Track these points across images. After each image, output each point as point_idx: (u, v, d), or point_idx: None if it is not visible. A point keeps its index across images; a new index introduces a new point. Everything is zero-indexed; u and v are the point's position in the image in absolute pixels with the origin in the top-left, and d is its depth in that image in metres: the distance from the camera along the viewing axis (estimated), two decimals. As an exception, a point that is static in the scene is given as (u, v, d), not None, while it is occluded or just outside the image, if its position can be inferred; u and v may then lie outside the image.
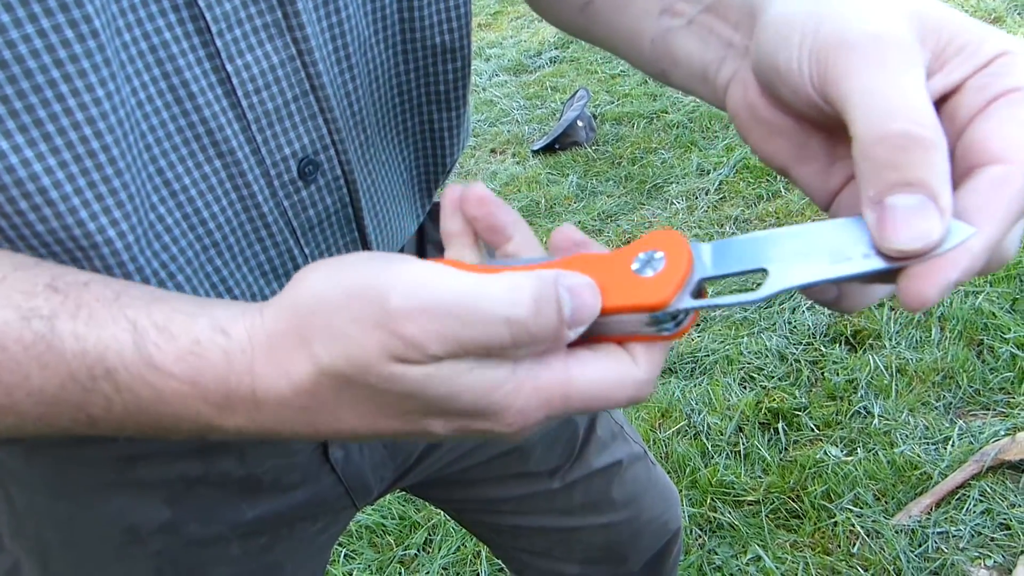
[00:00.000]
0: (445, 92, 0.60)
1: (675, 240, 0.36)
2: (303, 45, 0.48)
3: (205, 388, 0.36)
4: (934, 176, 0.31)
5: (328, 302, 0.33)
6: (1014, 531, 1.53)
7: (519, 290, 0.32)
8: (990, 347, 1.91)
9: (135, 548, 0.62)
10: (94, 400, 0.37)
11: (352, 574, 1.62)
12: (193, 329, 0.36)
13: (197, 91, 0.46)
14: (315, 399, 0.35)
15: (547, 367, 0.34)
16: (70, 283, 0.38)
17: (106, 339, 0.36)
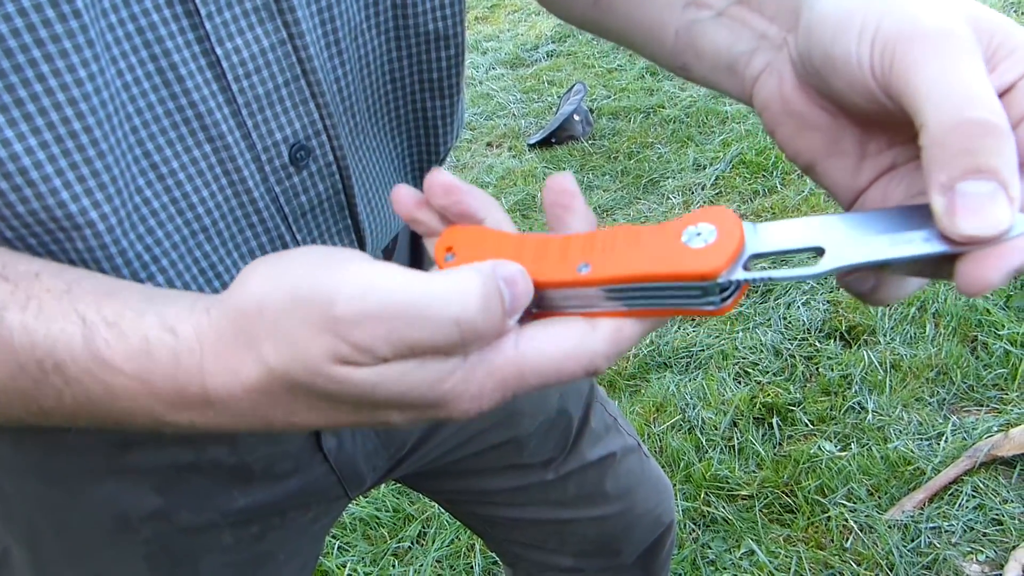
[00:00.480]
0: (438, 80, 0.60)
1: (726, 215, 0.35)
2: (294, 29, 0.48)
3: (155, 386, 0.36)
4: (1006, 165, 0.31)
5: (274, 305, 0.34)
6: (1006, 526, 1.53)
7: (467, 291, 0.32)
8: (984, 343, 1.91)
9: (126, 535, 0.62)
10: (45, 392, 0.38)
11: (346, 566, 1.62)
12: (141, 327, 0.36)
13: (186, 74, 0.45)
14: (267, 397, 0.35)
15: (498, 351, 0.34)
16: (21, 273, 0.38)
17: (55, 333, 0.37)
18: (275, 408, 0.35)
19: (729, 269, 0.34)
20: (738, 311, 2.13)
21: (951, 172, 0.32)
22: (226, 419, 0.37)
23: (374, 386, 0.33)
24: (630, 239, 0.36)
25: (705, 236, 0.35)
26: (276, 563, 0.69)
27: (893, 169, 0.41)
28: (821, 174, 0.43)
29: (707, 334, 2.08)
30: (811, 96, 0.42)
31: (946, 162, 0.32)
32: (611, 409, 0.90)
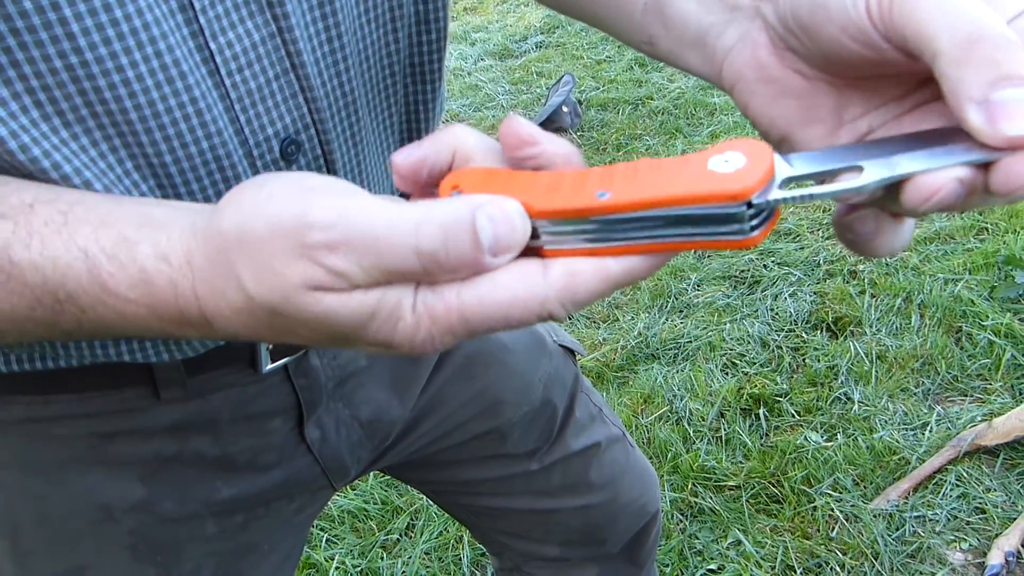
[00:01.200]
0: (421, 65, 0.60)
1: (754, 143, 0.34)
2: (283, 23, 0.48)
3: (161, 311, 0.38)
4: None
5: (253, 233, 0.35)
6: (989, 515, 1.55)
7: (428, 222, 0.33)
8: (968, 334, 1.93)
9: (109, 526, 0.62)
10: (65, 318, 0.39)
11: (334, 559, 1.62)
12: (138, 257, 0.38)
13: (187, 70, 0.45)
14: (253, 319, 0.36)
15: (439, 297, 0.35)
16: (16, 208, 0.39)
17: (62, 268, 0.38)
18: (262, 328, 0.37)
19: (762, 191, 0.33)
20: (725, 303, 2.14)
21: (981, 86, 0.32)
22: (228, 334, 0.38)
23: (337, 313, 0.34)
24: (653, 168, 0.35)
25: (734, 163, 0.34)
26: (260, 553, 0.69)
27: (869, 134, 0.41)
28: (796, 144, 0.43)
29: (694, 326, 2.08)
30: (787, 61, 0.42)
31: (975, 77, 0.32)
32: (596, 399, 0.90)
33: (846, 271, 2.17)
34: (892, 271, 2.15)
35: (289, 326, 0.36)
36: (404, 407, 0.73)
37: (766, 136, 0.44)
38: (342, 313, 0.34)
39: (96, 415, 0.58)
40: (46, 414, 0.58)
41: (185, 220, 0.38)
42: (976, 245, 2.20)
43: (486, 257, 0.34)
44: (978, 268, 2.10)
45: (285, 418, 0.65)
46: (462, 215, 0.33)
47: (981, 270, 2.09)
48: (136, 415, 0.59)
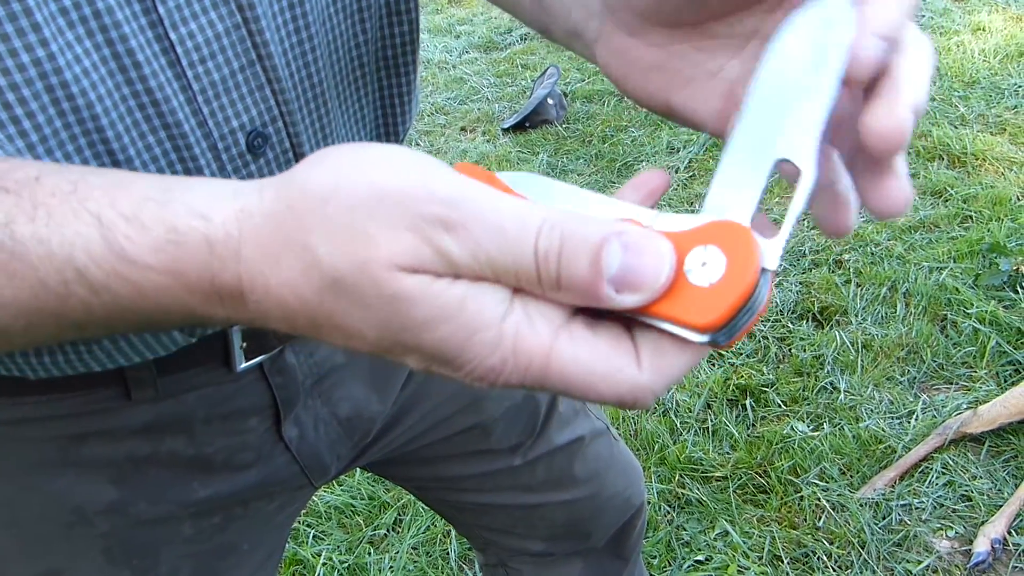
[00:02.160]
0: (394, 57, 0.59)
1: (739, 239, 0.30)
2: (248, 13, 0.47)
3: (188, 278, 0.33)
4: None
5: (350, 195, 0.30)
6: (975, 502, 1.55)
7: (553, 225, 0.30)
8: (953, 322, 1.93)
9: (82, 528, 0.61)
10: (72, 305, 0.35)
11: (321, 555, 1.61)
12: (167, 216, 0.33)
13: (143, 60, 0.44)
14: (299, 297, 0.32)
15: (533, 328, 0.31)
16: (20, 181, 0.35)
17: (70, 237, 0.33)
18: (303, 309, 0.32)
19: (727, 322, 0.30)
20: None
21: None
22: (257, 314, 0.34)
23: (414, 301, 0.30)
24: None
25: (711, 267, 0.31)
26: (239, 553, 0.69)
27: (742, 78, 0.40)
28: (680, 110, 0.43)
29: (681, 317, 2.08)
30: (641, 37, 0.43)
31: None
32: None
33: (831, 261, 2.17)
34: (877, 260, 2.16)
35: (339, 309, 0.31)
36: (384, 403, 0.72)
37: (653, 108, 0.44)
38: (420, 300, 0.30)
39: (66, 417, 0.57)
40: (14, 417, 0.57)
41: (235, 183, 0.34)
42: (960, 233, 2.20)
43: (604, 287, 0.30)
44: (963, 256, 2.11)
45: (262, 417, 0.64)
46: (591, 233, 0.30)
47: (966, 258, 2.10)
48: (107, 416, 0.58)
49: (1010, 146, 2.53)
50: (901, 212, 0.35)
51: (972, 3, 3.40)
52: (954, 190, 2.36)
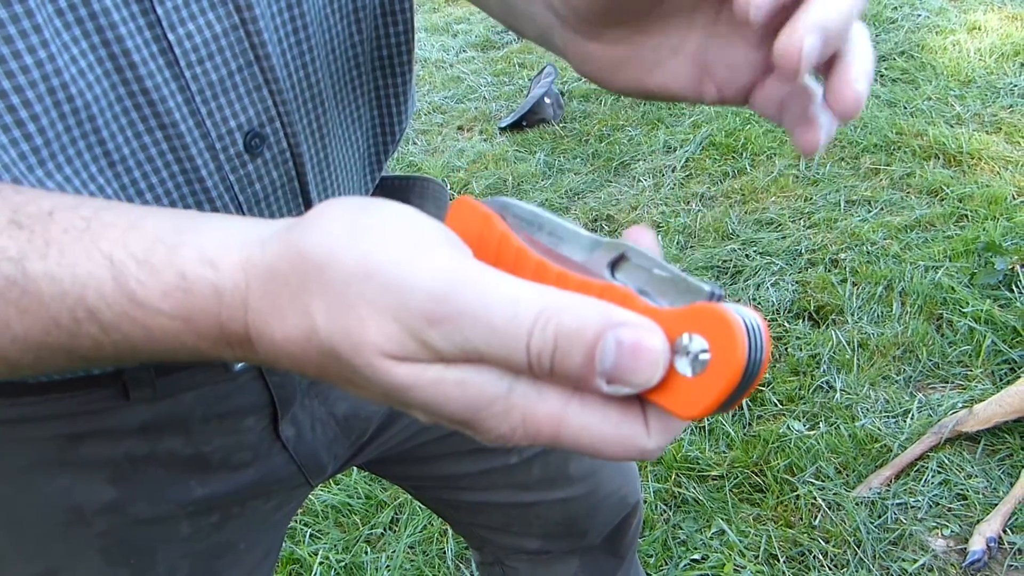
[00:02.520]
0: (389, 57, 0.60)
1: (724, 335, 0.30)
2: (246, 14, 0.47)
3: (197, 324, 0.34)
4: None
5: (343, 268, 0.31)
6: (971, 501, 1.56)
7: (546, 321, 0.29)
8: (949, 321, 1.94)
9: (79, 528, 0.61)
10: (82, 343, 0.35)
11: (318, 554, 1.61)
12: (176, 262, 0.34)
13: (139, 61, 0.45)
14: (302, 352, 0.32)
15: (543, 400, 0.31)
16: (33, 215, 0.35)
17: (83, 277, 0.34)
18: (311, 365, 0.33)
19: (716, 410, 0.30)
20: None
21: None
22: (267, 360, 0.34)
23: (411, 387, 0.31)
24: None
25: (695, 356, 0.30)
26: (237, 552, 0.69)
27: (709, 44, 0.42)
28: (658, 92, 0.45)
29: (677, 316, 2.08)
30: (599, 40, 0.44)
31: None
32: None
33: (827, 260, 2.18)
34: (873, 259, 2.16)
35: (344, 374, 0.32)
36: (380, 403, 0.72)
37: (631, 95, 0.46)
38: (415, 385, 0.31)
39: (64, 417, 0.57)
40: (12, 416, 0.57)
41: (243, 228, 0.35)
42: (956, 232, 2.21)
43: (596, 380, 0.30)
44: (958, 255, 2.11)
45: (259, 416, 0.64)
46: (586, 328, 0.29)
47: (961, 257, 2.11)
48: (105, 416, 0.58)
49: (1006, 145, 2.54)
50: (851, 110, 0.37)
51: (968, 2, 3.40)
52: (950, 189, 2.36)
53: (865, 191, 2.42)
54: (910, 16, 3.33)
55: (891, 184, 2.45)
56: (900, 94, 2.84)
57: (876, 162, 2.54)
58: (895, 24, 3.29)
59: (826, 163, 2.56)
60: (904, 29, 3.24)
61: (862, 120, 2.70)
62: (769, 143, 2.68)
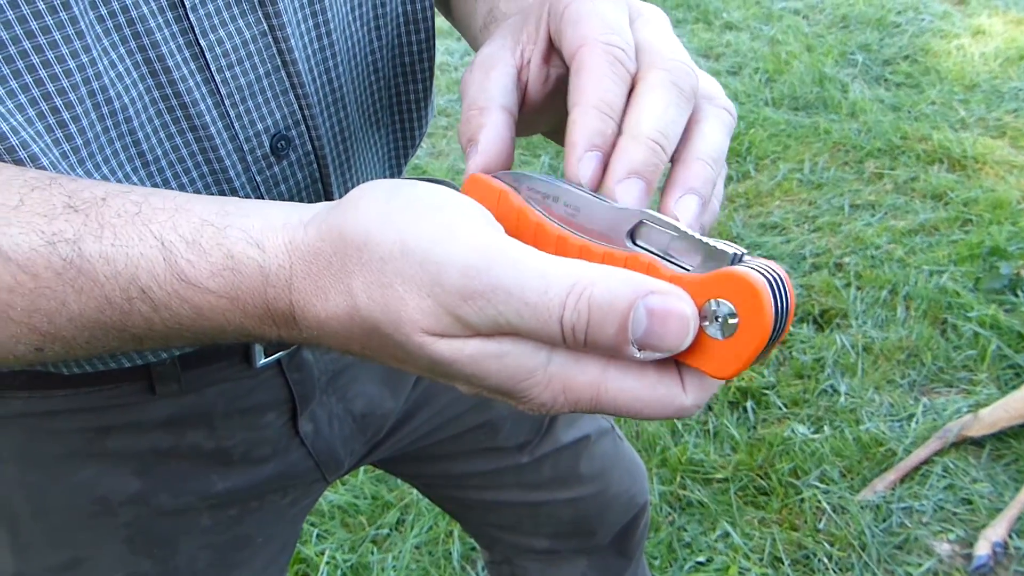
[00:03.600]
0: (411, 64, 0.61)
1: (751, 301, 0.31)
2: (275, 20, 0.49)
3: (243, 302, 0.35)
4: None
5: (381, 246, 0.32)
6: (976, 506, 1.56)
7: (579, 296, 0.30)
8: (953, 325, 1.94)
9: (105, 518, 0.62)
10: (134, 320, 0.37)
11: (324, 554, 1.62)
12: (224, 243, 0.35)
13: (173, 65, 0.46)
14: (346, 330, 0.34)
15: (582, 369, 0.32)
16: (87, 200, 0.37)
17: (135, 258, 0.36)
18: (354, 342, 0.35)
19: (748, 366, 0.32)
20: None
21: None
22: (311, 338, 0.36)
23: (452, 361, 0.32)
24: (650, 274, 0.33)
25: (724, 320, 0.32)
26: (254, 546, 0.70)
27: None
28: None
29: (682, 319, 2.09)
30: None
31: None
32: None
33: (832, 264, 2.18)
34: (877, 263, 2.17)
35: (387, 349, 0.34)
36: (397, 400, 0.73)
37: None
38: (456, 360, 0.32)
39: (93, 410, 0.58)
40: (44, 409, 0.58)
41: (284, 211, 0.36)
42: (961, 236, 2.21)
43: (629, 348, 0.31)
44: (963, 260, 2.12)
45: (279, 412, 0.65)
46: (618, 299, 0.31)
47: (966, 261, 2.11)
48: (132, 410, 0.59)
49: (1010, 149, 2.55)
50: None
51: (972, 6, 3.41)
52: (954, 194, 2.37)
53: (869, 195, 2.43)
54: (914, 20, 3.34)
55: (895, 188, 2.45)
56: (904, 98, 2.85)
57: (880, 166, 2.55)
58: (899, 28, 3.30)
59: (830, 167, 2.57)
60: (908, 33, 3.24)
61: (866, 125, 2.71)
62: (773, 147, 2.69)
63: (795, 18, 3.46)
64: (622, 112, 0.38)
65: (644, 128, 0.37)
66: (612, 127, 0.38)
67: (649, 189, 0.37)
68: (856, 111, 2.80)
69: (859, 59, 3.11)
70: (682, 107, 0.38)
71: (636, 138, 0.37)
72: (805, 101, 2.90)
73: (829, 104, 2.86)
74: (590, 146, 0.37)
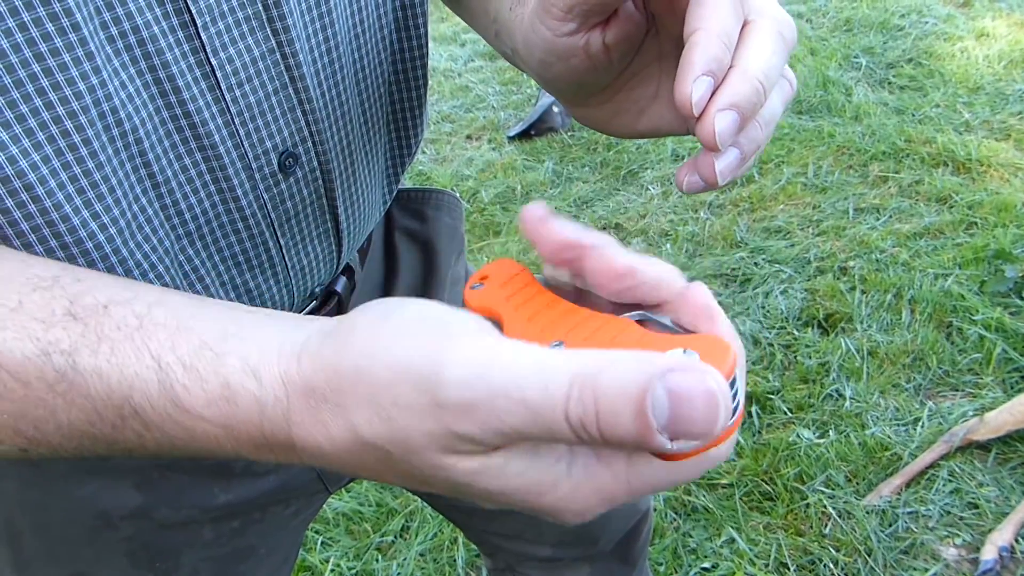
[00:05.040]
0: (405, 72, 0.61)
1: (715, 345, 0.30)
2: (283, 37, 0.49)
3: (239, 432, 0.35)
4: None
5: (373, 378, 0.31)
6: (982, 510, 1.56)
7: (582, 386, 0.28)
8: (959, 329, 1.94)
9: (107, 532, 0.62)
10: (125, 436, 0.36)
11: (329, 561, 1.62)
12: (222, 371, 0.34)
13: (183, 85, 0.46)
14: (355, 458, 0.33)
15: (606, 467, 0.31)
16: (89, 308, 0.36)
17: (130, 377, 0.35)
18: (363, 467, 0.33)
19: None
20: (716, 300, 2.14)
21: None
22: (315, 464, 0.35)
23: (473, 480, 0.31)
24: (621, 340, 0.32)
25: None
26: (257, 557, 0.70)
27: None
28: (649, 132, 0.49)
29: (687, 324, 2.09)
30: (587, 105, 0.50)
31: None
32: None
33: (836, 268, 2.18)
34: (882, 267, 2.16)
35: (404, 473, 0.32)
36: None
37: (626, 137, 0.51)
38: (473, 479, 0.31)
39: None
40: None
41: (280, 337, 0.35)
42: (966, 240, 2.21)
43: (656, 438, 0.27)
44: (968, 263, 2.11)
45: None
46: (628, 384, 0.27)
47: (971, 264, 2.11)
48: None
49: (1015, 152, 2.54)
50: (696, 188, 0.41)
51: (976, 9, 3.41)
52: (959, 196, 2.36)
53: (874, 199, 2.43)
54: (918, 23, 3.34)
55: (900, 192, 2.45)
56: (908, 101, 2.84)
57: (885, 169, 2.54)
58: (903, 31, 3.30)
59: (834, 171, 2.56)
60: (912, 36, 3.24)
61: (870, 128, 2.71)
62: (777, 151, 2.68)
63: (798, 22, 3.45)
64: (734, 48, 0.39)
65: (753, 67, 0.38)
66: (728, 58, 0.39)
67: (742, 125, 0.39)
68: (860, 114, 2.80)
69: (863, 62, 3.11)
70: (783, 57, 0.40)
71: (745, 73, 0.38)
72: (809, 105, 2.89)
73: (833, 107, 2.85)
74: (707, 70, 0.38)
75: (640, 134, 0.50)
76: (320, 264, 0.60)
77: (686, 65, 0.38)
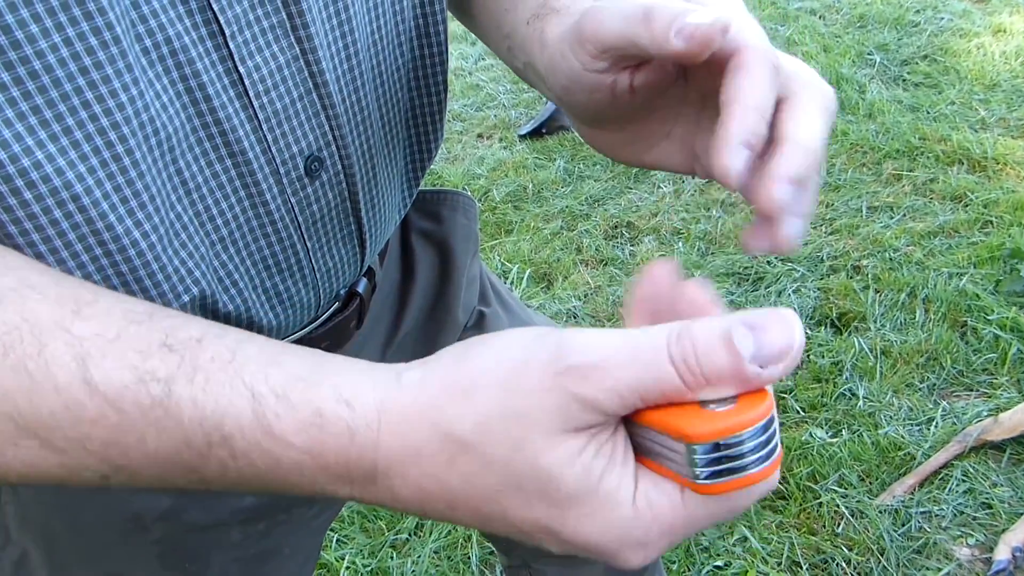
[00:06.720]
0: (425, 77, 0.62)
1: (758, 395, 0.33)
2: (307, 44, 0.50)
3: (325, 460, 0.36)
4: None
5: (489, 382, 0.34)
6: (996, 510, 1.56)
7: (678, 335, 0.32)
8: (973, 328, 1.93)
9: (139, 535, 0.63)
10: (210, 465, 0.37)
11: (344, 559, 1.63)
12: (314, 399, 0.36)
13: (213, 93, 0.47)
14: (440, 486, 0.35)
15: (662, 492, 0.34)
16: (184, 341, 0.37)
17: (224, 406, 0.36)
18: (437, 499, 0.35)
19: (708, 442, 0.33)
20: (729, 299, 2.14)
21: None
22: (386, 498, 0.36)
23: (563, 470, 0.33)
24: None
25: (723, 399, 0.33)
26: (281, 557, 0.71)
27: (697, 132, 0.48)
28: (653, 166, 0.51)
29: (700, 323, 2.09)
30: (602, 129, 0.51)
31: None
32: None
33: (850, 266, 2.18)
34: (896, 266, 2.16)
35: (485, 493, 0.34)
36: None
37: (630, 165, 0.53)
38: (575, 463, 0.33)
39: None
40: None
41: (370, 368, 0.37)
42: (981, 239, 2.20)
43: (748, 367, 0.32)
44: (983, 262, 2.11)
45: None
46: (715, 327, 0.32)
47: (986, 264, 2.10)
48: None
49: (1030, 151, 2.53)
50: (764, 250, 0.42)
51: (993, 4, 3.39)
52: (974, 195, 2.36)
53: (887, 197, 2.42)
54: (933, 19, 3.32)
55: (914, 190, 2.44)
56: (923, 98, 2.83)
57: (899, 168, 2.54)
58: (917, 27, 3.28)
59: (848, 169, 2.56)
60: (927, 32, 3.23)
61: (884, 126, 2.70)
62: (790, 149, 2.68)
63: (811, 18, 3.44)
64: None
65: (806, 139, 0.40)
66: (765, 132, 0.40)
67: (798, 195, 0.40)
68: (874, 112, 2.79)
69: (877, 59, 3.10)
70: (828, 129, 0.42)
71: (800, 146, 0.40)
72: (822, 102, 2.88)
73: (846, 105, 2.85)
74: (746, 143, 0.39)
75: (644, 165, 0.51)
76: (345, 266, 0.61)
77: (725, 136, 0.39)
